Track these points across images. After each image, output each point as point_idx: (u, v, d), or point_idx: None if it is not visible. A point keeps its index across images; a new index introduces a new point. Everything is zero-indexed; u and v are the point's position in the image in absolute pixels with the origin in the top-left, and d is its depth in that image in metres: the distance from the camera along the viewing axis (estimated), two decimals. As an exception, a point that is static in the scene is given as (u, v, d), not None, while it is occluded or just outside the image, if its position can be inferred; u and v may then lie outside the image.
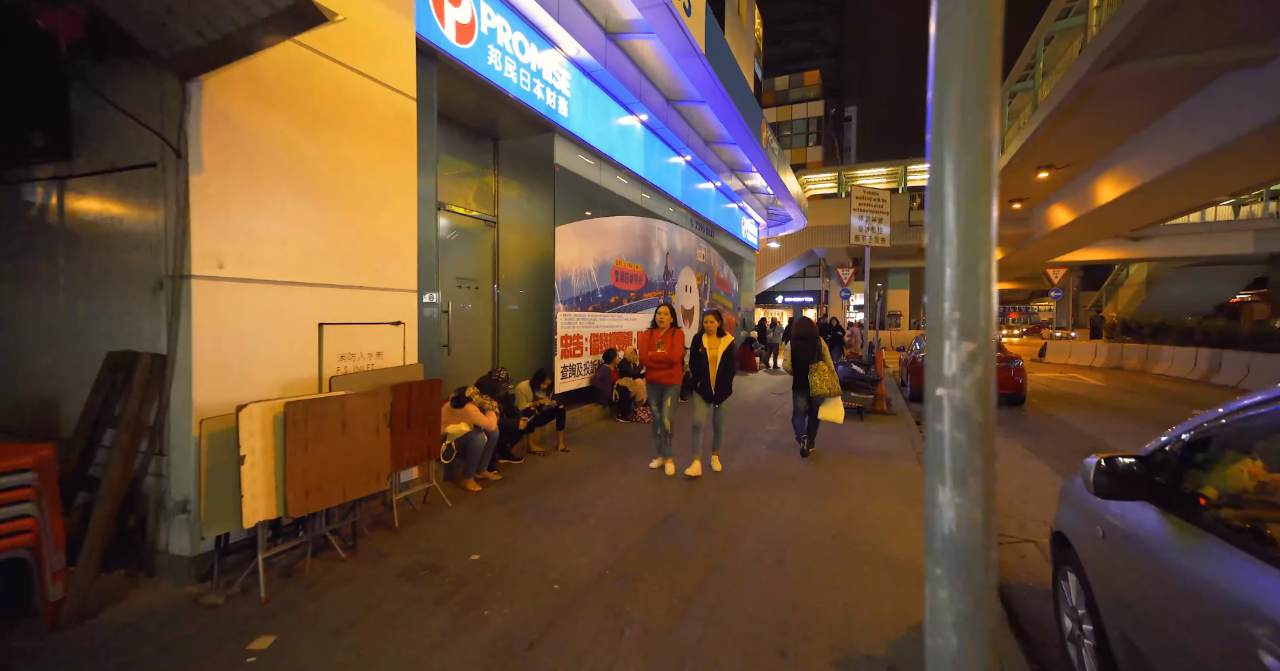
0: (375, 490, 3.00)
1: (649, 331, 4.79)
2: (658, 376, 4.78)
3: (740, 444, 6.02)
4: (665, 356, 4.67)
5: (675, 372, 4.76)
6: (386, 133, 3.74)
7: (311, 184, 3.24)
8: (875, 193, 8.49)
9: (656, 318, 4.75)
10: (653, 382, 4.86)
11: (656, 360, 4.69)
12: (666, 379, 4.78)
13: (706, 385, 4.63)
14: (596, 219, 7.31)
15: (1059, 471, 5.30)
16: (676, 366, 4.75)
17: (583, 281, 6.93)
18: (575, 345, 6.76)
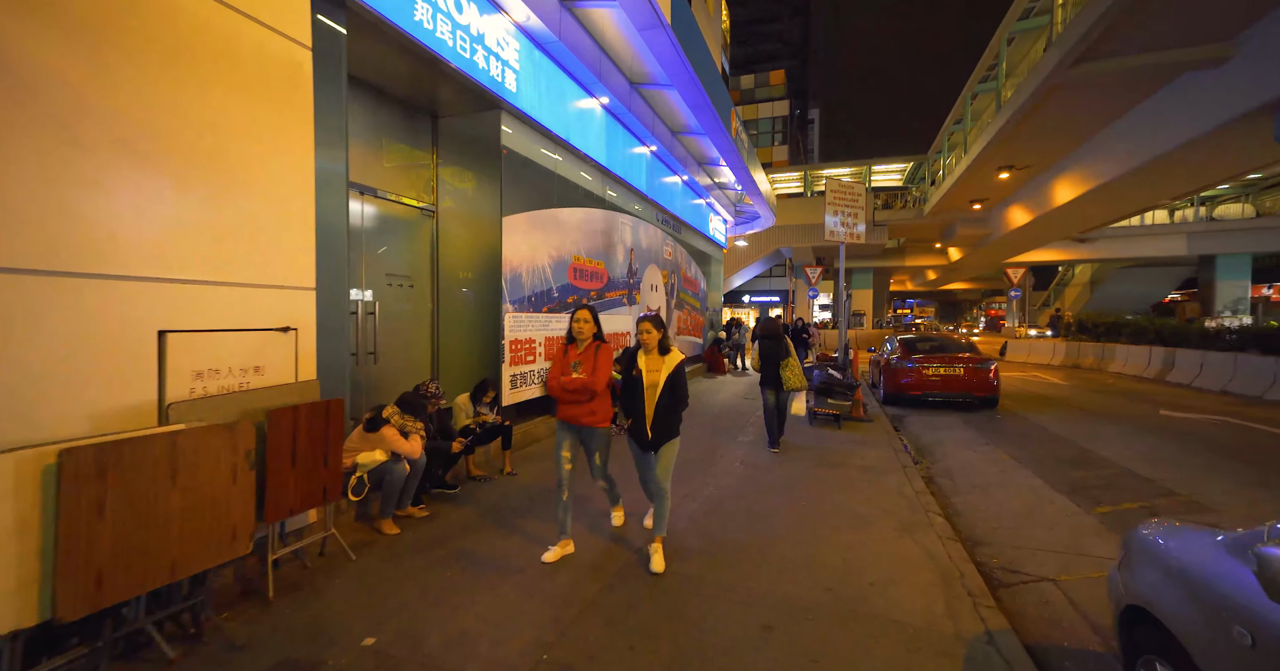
0: (230, 556, 2.22)
1: (561, 348, 3.25)
2: (573, 414, 3.15)
3: (711, 463, 5.41)
4: (584, 383, 3.06)
5: (600, 408, 3.18)
6: (268, 89, 2.93)
7: (152, 147, 2.42)
8: (849, 186, 8.07)
9: (572, 327, 3.19)
10: (564, 423, 3.21)
11: (570, 390, 3.07)
12: (587, 418, 3.15)
13: (640, 424, 3.14)
14: (551, 210, 6.58)
15: (1053, 485, 4.91)
16: (602, 399, 3.19)
17: (536, 279, 6.19)
18: (527, 350, 6.02)
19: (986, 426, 7.66)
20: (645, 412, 3.12)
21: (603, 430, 3.26)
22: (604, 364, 3.14)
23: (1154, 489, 4.76)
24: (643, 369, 3.15)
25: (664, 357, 3.15)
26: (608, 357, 3.18)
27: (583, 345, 3.19)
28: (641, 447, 3.23)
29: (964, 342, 9.83)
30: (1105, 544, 3.62)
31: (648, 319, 3.18)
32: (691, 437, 6.43)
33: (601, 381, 3.10)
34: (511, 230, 5.69)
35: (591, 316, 3.24)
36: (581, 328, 3.19)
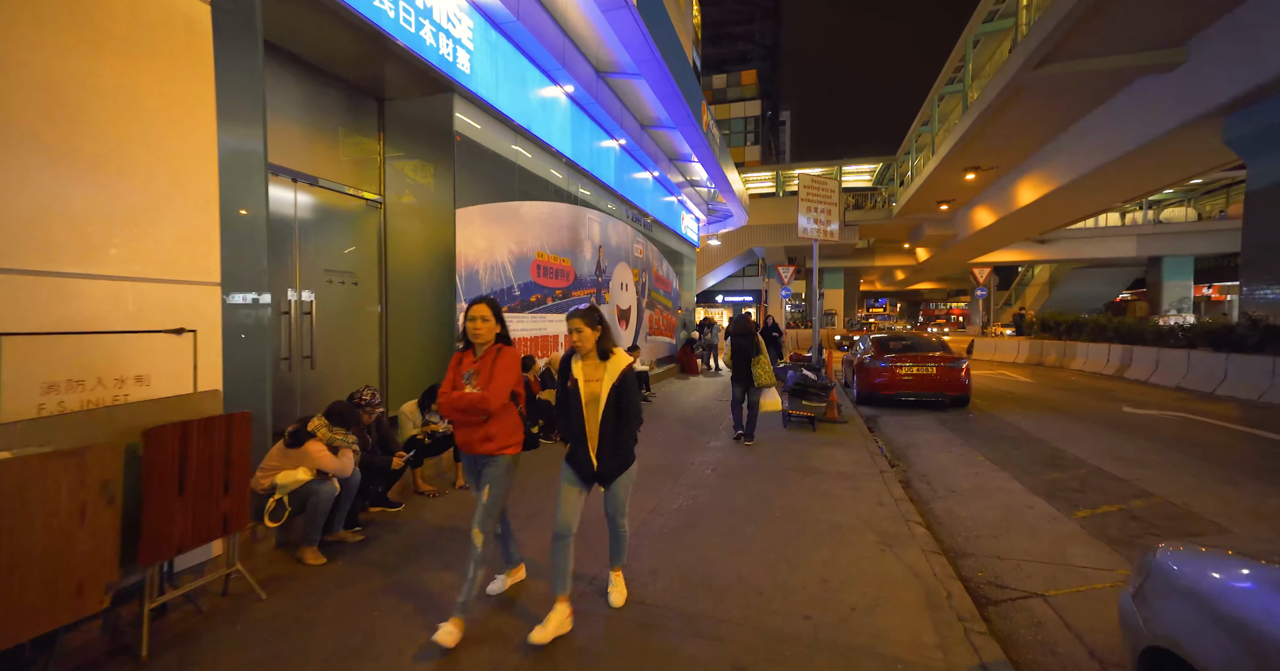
0: (71, 617, 1.79)
1: (456, 355, 2.58)
2: (465, 439, 2.49)
3: (680, 471, 5.11)
4: (473, 402, 2.36)
5: (500, 430, 2.44)
6: (151, 49, 2.49)
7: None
8: (823, 181, 7.90)
9: (467, 327, 2.52)
10: (462, 452, 2.60)
11: (459, 408, 2.39)
12: (481, 444, 2.44)
13: (582, 449, 2.44)
14: (512, 203, 6.19)
15: (1031, 488, 4.78)
16: (502, 419, 2.46)
17: (495, 276, 5.79)
18: (486, 353, 5.61)
19: (960, 426, 7.59)
20: (587, 434, 2.43)
21: (503, 460, 2.46)
22: (503, 373, 2.42)
23: (1129, 490, 4.68)
24: (579, 379, 2.45)
25: (605, 363, 2.46)
26: (510, 365, 2.48)
27: (481, 350, 2.51)
28: (584, 480, 2.49)
29: (936, 341, 9.81)
30: (1089, 551, 3.46)
31: (578, 315, 2.43)
32: (661, 443, 6.13)
33: (497, 397, 2.37)
34: (466, 223, 5.28)
35: (491, 312, 2.50)
36: (478, 328, 2.47)
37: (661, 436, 6.54)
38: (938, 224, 24.95)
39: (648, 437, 6.38)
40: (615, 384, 2.43)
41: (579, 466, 2.48)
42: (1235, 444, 6.38)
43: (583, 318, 2.46)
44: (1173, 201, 31.68)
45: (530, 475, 4.64)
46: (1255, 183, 10.35)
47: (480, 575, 2.37)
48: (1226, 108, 10.00)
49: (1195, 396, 10.05)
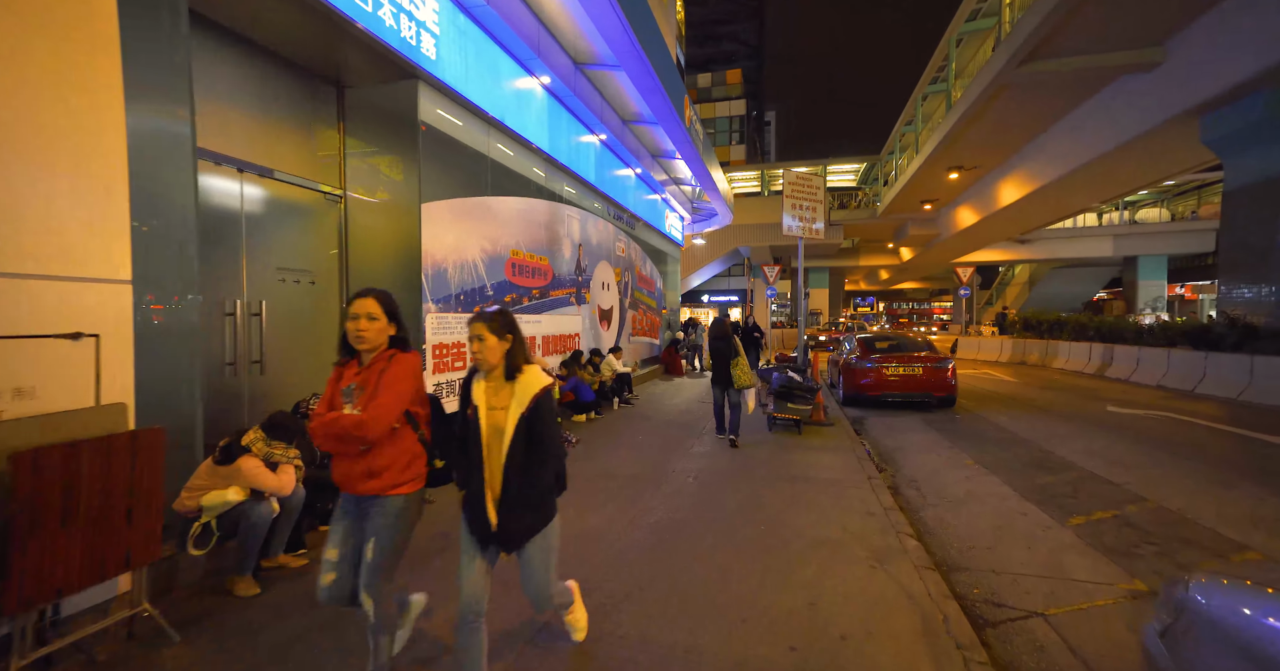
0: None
1: (337, 367, 1.98)
2: (343, 473, 1.90)
3: (661, 479, 4.85)
4: (347, 427, 1.79)
5: (387, 461, 1.88)
6: (31, 7, 2.17)
7: None
8: (808, 178, 7.72)
9: (348, 328, 1.90)
10: (340, 488, 1.96)
11: (332, 435, 1.81)
12: (364, 482, 1.88)
13: (480, 500, 1.82)
14: (484, 198, 5.89)
15: (1022, 493, 4.62)
16: (389, 449, 1.89)
17: (465, 275, 5.48)
18: (455, 356, 5.31)
19: (947, 427, 7.46)
20: (486, 479, 1.80)
21: (394, 503, 1.87)
22: (393, 387, 1.82)
23: (1121, 494, 4.54)
24: (479, 405, 1.83)
25: (514, 384, 1.82)
26: (404, 376, 1.86)
27: (368, 358, 1.91)
28: (482, 542, 1.83)
29: (922, 341, 9.71)
30: (1087, 563, 3.28)
31: (481, 318, 1.84)
32: (642, 448, 5.88)
33: (380, 420, 1.78)
34: (433, 219, 4.97)
35: (380, 307, 1.89)
36: (362, 330, 1.85)
37: (642, 441, 6.29)
38: (921, 223, 25.08)
39: (629, 442, 6.14)
40: (526, 412, 1.79)
41: (476, 524, 1.82)
42: (1222, 444, 6.32)
43: (486, 322, 1.83)
44: (1147, 203, 32.29)
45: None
46: (1232, 182, 10.43)
47: (385, 641, 1.91)
48: (1204, 107, 10.05)
49: (1176, 395, 10.08)
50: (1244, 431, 6.91)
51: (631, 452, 5.76)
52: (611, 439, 6.41)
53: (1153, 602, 2.79)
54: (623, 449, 5.93)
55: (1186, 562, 3.25)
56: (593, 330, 9.17)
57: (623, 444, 6.17)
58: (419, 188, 4.79)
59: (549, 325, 7.44)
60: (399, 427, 1.89)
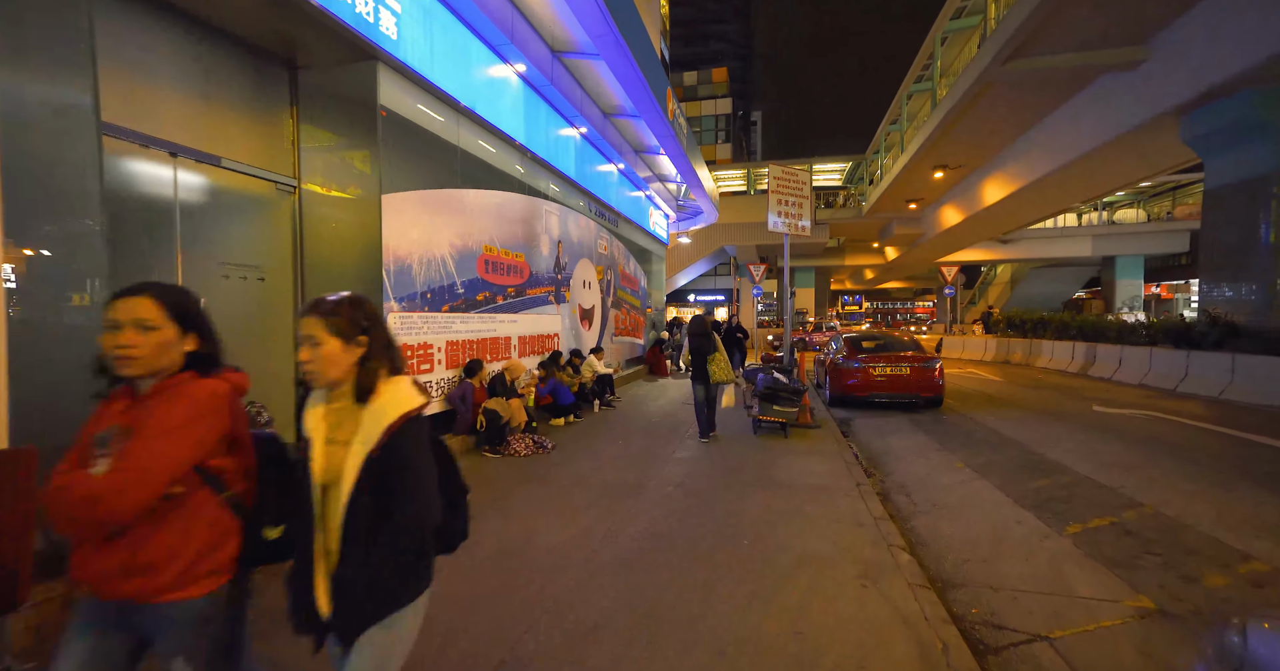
0: None
1: (103, 402, 1.29)
2: (96, 573, 1.21)
3: (641, 488, 4.58)
4: (84, 497, 1.10)
5: (161, 550, 1.21)
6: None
7: None
8: (794, 173, 7.51)
9: (105, 342, 1.23)
10: (89, 588, 1.24)
11: (68, 512, 1.13)
12: (127, 582, 1.19)
13: (304, 575, 1.28)
14: (454, 191, 5.57)
15: (1016, 499, 4.43)
16: (162, 529, 1.21)
17: (433, 272, 5.16)
18: (422, 357, 4.99)
19: (935, 429, 7.30)
20: (314, 543, 1.28)
21: (185, 612, 1.25)
22: (160, 437, 1.18)
23: (1117, 499, 4.38)
24: (314, 439, 1.30)
25: (366, 409, 1.27)
26: (186, 418, 1.22)
27: (146, 385, 1.27)
28: (310, 631, 1.29)
29: (907, 340, 9.57)
30: (1090, 576, 3.09)
31: (316, 312, 1.29)
32: (621, 456, 5.60)
33: (134, 489, 1.13)
34: (397, 211, 4.64)
35: (161, 308, 1.26)
36: (129, 344, 1.22)
37: (622, 446, 6.02)
38: (906, 223, 25.16)
39: (608, 447, 5.86)
40: (375, 453, 1.22)
41: (300, 609, 1.29)
42: (1212, 444, 6.23)
43: (324, 317, 1.28)
44: (1124, 204, 32.85)
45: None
46: (1213, 181, 10.47)
47: None
48: (1185, 106, 10.06)
49: (1159, 394, 10.08)
50: (1230, 430, 6.85)
51: (610, 458, 5.49)
52: (590, 443, 6.13)
53: (1166, 624, 2.62)
54: (601, 454, 5.65)
55: (1191, 575, 3.07)
56: (573, 330, 8.87)
57: (601, 449, 5.89)
58: (379, 178, 4.46)
59: (526, 325, 7.13)
60: (182, 494, 1.22)
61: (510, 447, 5.48)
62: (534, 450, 5.56)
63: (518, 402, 5.82)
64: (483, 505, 4.11)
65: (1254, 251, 9.54)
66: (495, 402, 5.49)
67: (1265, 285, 9.32)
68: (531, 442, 5.64)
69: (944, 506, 4.39)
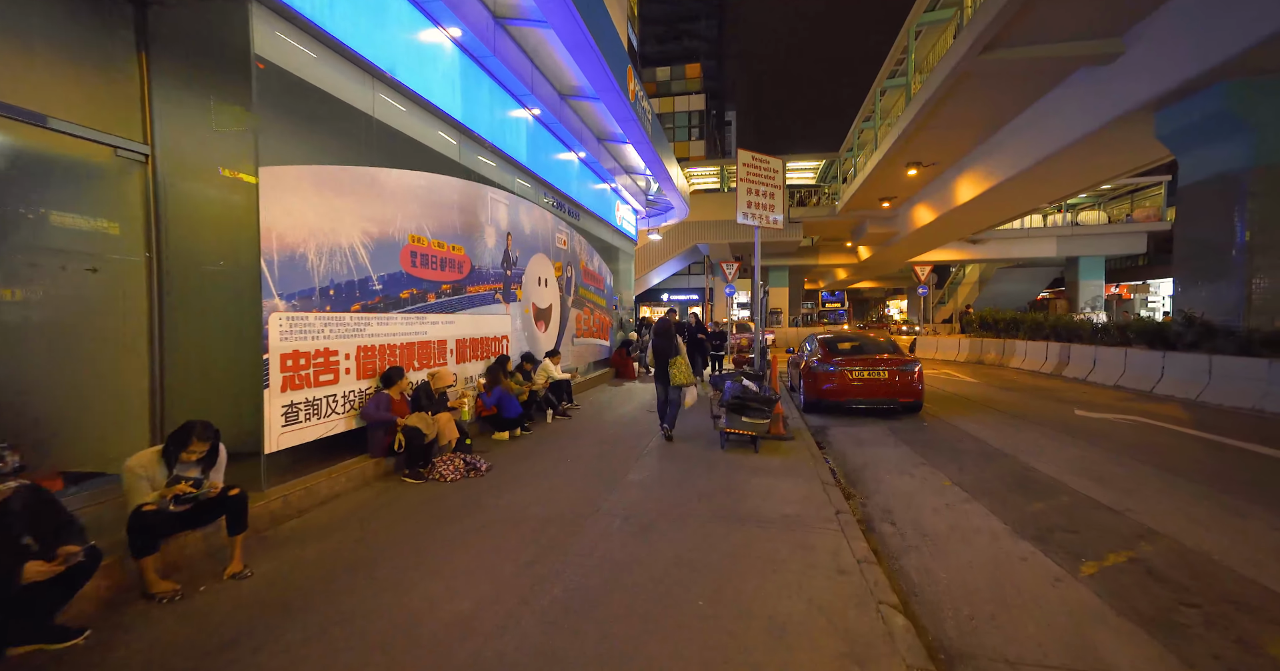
0: None
1: None
2: None
3: (580, 524, 3.83)
4: None
5: None
6: None
7: None
8: (765, 161, 6.86)
9: None
10: None
11: None
12: None
13: None
14: (368, 169, 4.72)
15: (1014, 527, 3.85)
16: None
17: (338, 265, 4.31)
18: (321, 366, 4.14)
19: (916, 438, 6.76)
20: None
21: None
22: None
23: (1127, 526, 3.84)
24: None
25: None
26: None
27: None
28: None
29: (884, 341, 9.06)
30: (1124, 643, 2.48)
31: None
32: (567, 477, 4.84)
33: None
34: (285, 188, 3.78)
35: None
36: None
37: (571, 465, 5.26)
38: (879, 222, 25.01)
39: (554, 467, 5.02)
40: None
41: None
42: (1205, 455, 5.83)
43: None
44: (1086, 205, 33.60)
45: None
46: (1187, 178, 10.28)
47: None
48: (1160, 101, 9.83)
49: (1137, 396, 9.83)
50: (1221, 438, 6.49)
51: (553, 481, 4.73)
52: (533, 462, 5.36)
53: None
54: (543, 477, 4.88)
55: (1248, 638, 2.49)
56: (526, 331, 8.07)
57: (546, 469, 5.12)
58: (255, 145, 3.60)
59: (465, 326, 6.30)
60: None
61: (436, 471, 4.66)
62: (464, 473, 4.76)
63: (446, 417, 5.00)
64: (382, 551, 3.31)
65: (1229, 250, 9.34)
66: (417, 418, 4.66)
67: (1241, 284, 9.12)
68: (462, 464, 4.84)
69: (935, 537, 3.77)
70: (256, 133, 3.59)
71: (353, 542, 3.44)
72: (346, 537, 3.51)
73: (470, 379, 6.53)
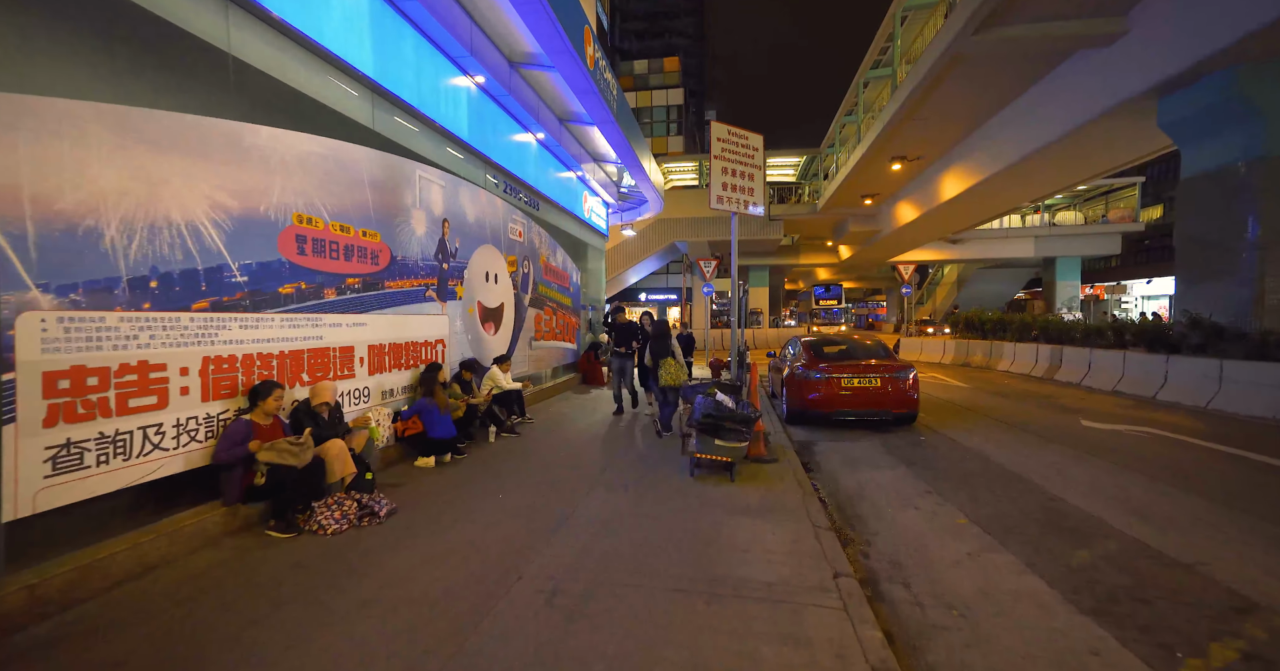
0: None
1: None
2: None
3: (487, 603, 2.77)
4: None
5: None
6: None
7: None
8: (743, 136, 5.89)
9: None
10: None
11: None
12: None
13: None
14: (225, 122, 3.59)
15: (1064, 592, 2.93)
16: None
17: (165, 246, 3.19)
18: (136, 386, 3.01)
19: (915, 455, 5.87)
20: None
21: None
22: None
23: (1209, 591, 2.96)
24: None
25: None
26: None
27: None
28: None
29: (873, 344, 8.18)
30: None
31: None
32: (495, 521, 3.76)
33: None
34: (53, 130, 2.65)
35: None
36: None
37: (503, 504, 4.18)
38: (862, 220, 24.42)
39: (481, 508, 3.72)
40: None
41: None
42: (1251, 479, 5.05)
43: None
44: (1062, 206, 33.72)
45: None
46: (1189, 169, 9.67)
47: None
48: (1165, 87, 9.19)
49: (1139, 402, 9.16)
50: (1256, 456, 5.73)
51: (472, 528, 3.67)
52: (456, 501, 4.28)
53: None
54: (462, 521, 3.82)
55: None
56: (470, 334, 6.97)
57: (468, 511, 4.05)
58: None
59: (384, 329, 5.20)
60: None
61: (315, 519, 3.56)
62: (355, 520, 3.67)
63: (338, 445, 3.90)
64: (186, 660, 2.21)
65: (1237, 246, 8.72)
66: (284, 445, 3.53)
67: (1251, 283, 8.49)
68: (355, 508, 3.74)
69: (963, 606, 2.83)
70: None
71: (145, 647, 2.34)
72: (134, 639, 2.40)
73: (392, 392, 5.42)
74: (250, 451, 3.41)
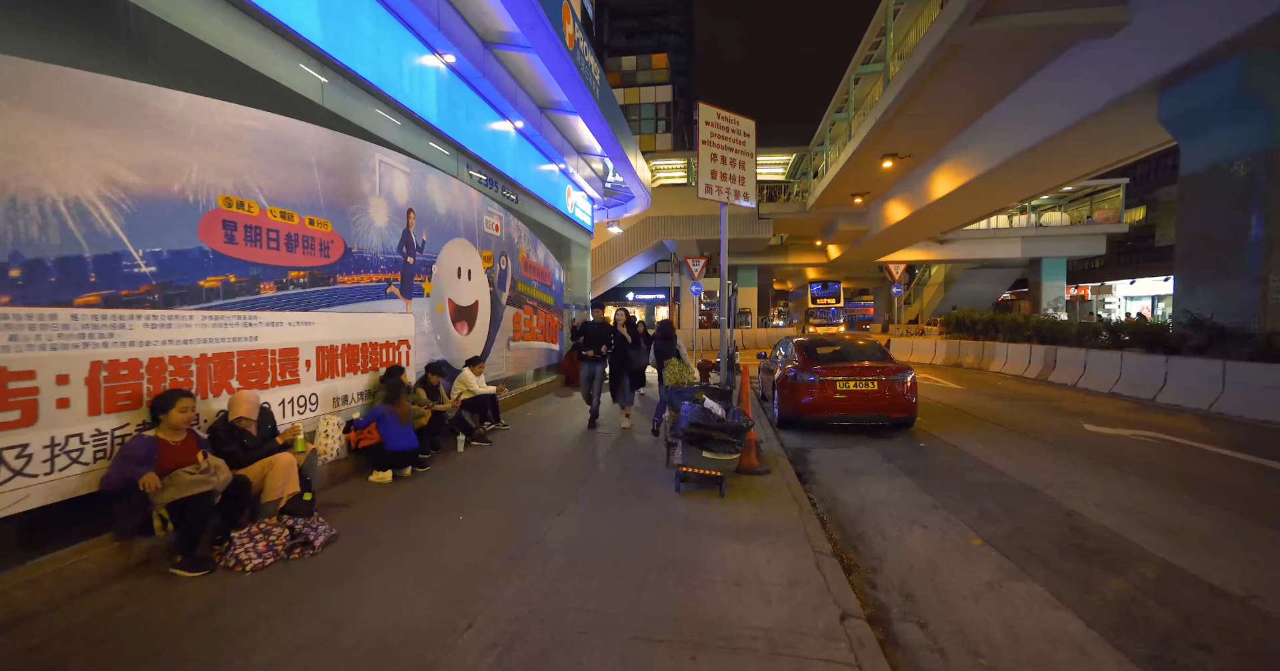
0: None
1: None
2: None
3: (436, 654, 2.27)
4: None
5: None
6: None
7: None
8: (734, 120, 5.44)
9: None
10: None
11: None
12: None
13: None
14: (130, 83, 3.05)
15: (1112, 638, 2.52)
16: None
17: (39, 229, 2.65)
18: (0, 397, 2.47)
19: (916, 465, 5.47)
20: None
21: None
22: None
23: (1270, 629, 2.56)
24: None
25: None
26: None
27: None
28: None
29: (868, 346, 7.79)
30: None
31: None
32: (449, 552, 3.25)
33: None
34: None
35: None
36: None
37: (452, 535, 3.67)
38: (851, 219, 24.17)
39: (436, 534, 3.22)
40: None
41: None
42: (1269, 489, 4.71)
43: None
44: (1048, 207, 33.86)
45: None
46: (1190, 166, 9.43)
47: None
48: (1168, 79, 8.92)
49: (1139, 405, 8.89)
50: (1275, 464, 5.41)
51: (422, 565, 3.16)
52: (409, 524, 3.77)
53: None
54: (411, 550, 3.32)
55: None
56: (439, 334, 6.44)
57: (419, 536, 3.55)
58: None
59: (336, 328, 4.67)
60: None
61: (232, 553, 3.03)
62: (283, 553, 3.14)
63: (273, 464, 3.37)
64: None
65: (1241, 244, 8.47)
66: (173, 486, 2.98)
67: (1255, 282, 8.24)
68: (286, 536, 3.22)
69: (991, 653, 2.40)
70: None
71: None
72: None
73: (346, 399, 4.89)
74: (173, 466, 2.88)
